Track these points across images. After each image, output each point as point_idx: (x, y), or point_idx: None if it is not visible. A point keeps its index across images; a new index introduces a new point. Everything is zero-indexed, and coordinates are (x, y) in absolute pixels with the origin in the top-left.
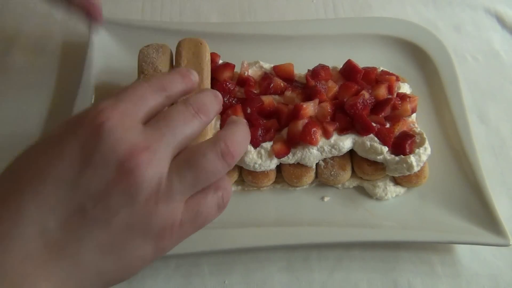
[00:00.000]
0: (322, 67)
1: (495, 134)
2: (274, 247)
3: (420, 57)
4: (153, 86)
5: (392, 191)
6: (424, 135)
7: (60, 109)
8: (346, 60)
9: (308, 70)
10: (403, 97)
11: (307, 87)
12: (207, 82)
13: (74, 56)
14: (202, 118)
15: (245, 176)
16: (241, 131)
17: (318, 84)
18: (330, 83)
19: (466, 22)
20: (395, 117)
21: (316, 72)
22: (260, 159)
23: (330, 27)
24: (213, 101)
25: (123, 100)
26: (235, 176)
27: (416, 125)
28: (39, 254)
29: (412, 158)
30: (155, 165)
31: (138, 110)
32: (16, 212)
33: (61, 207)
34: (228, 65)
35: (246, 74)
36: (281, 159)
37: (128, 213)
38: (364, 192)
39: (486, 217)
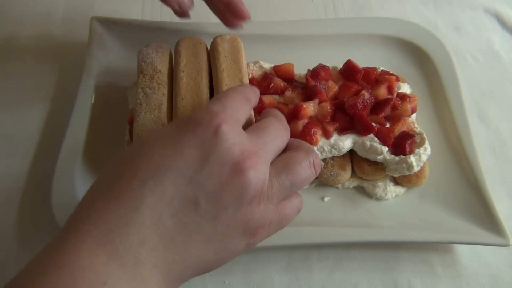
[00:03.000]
0: (322, 67)
1: (495, 134)
2: (274, 247)
3: (420, 57)
4: (243, 95)
5: (392, 191)
6: (424, 135)
7: (60, 109)
8: (346, 60)
9: (308, 70)
10: (403, 97)
11: (307, 87)
12: (206, 81)
13: (74, 56)
14: (288, 133)
15: None
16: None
17: (318, 84)
18: (330, 83)
19: (466, 22)
20: (395, 117)
21: (316, 72)
22: None
23: (330, 27)
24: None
25: (229, 106)
26: None
27: (416, 125)
28: (151, 240)
29: (412, 158)
30: (261, 169)
31: (240, 117)
32: (138, 200)
33: (177, 200)
34: None
35: (250, 76)
36: None
37: (234, 210)
38: (364, 192)
39: (486, 217)
